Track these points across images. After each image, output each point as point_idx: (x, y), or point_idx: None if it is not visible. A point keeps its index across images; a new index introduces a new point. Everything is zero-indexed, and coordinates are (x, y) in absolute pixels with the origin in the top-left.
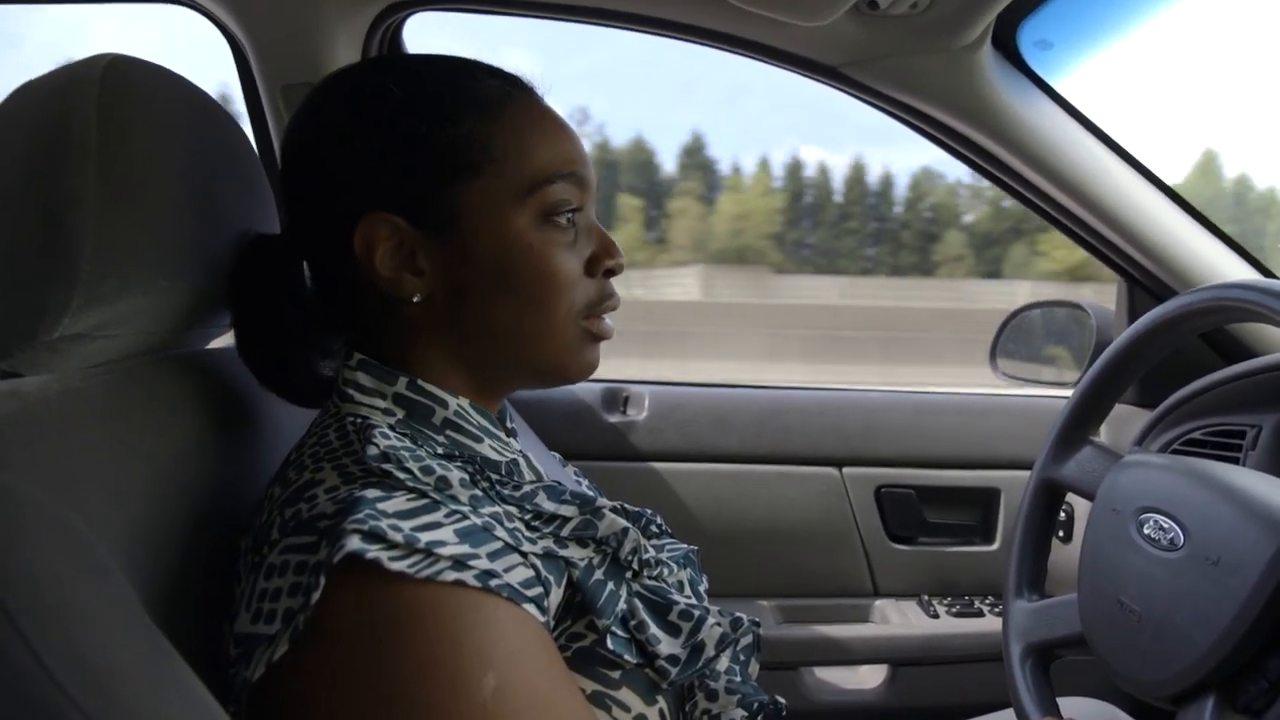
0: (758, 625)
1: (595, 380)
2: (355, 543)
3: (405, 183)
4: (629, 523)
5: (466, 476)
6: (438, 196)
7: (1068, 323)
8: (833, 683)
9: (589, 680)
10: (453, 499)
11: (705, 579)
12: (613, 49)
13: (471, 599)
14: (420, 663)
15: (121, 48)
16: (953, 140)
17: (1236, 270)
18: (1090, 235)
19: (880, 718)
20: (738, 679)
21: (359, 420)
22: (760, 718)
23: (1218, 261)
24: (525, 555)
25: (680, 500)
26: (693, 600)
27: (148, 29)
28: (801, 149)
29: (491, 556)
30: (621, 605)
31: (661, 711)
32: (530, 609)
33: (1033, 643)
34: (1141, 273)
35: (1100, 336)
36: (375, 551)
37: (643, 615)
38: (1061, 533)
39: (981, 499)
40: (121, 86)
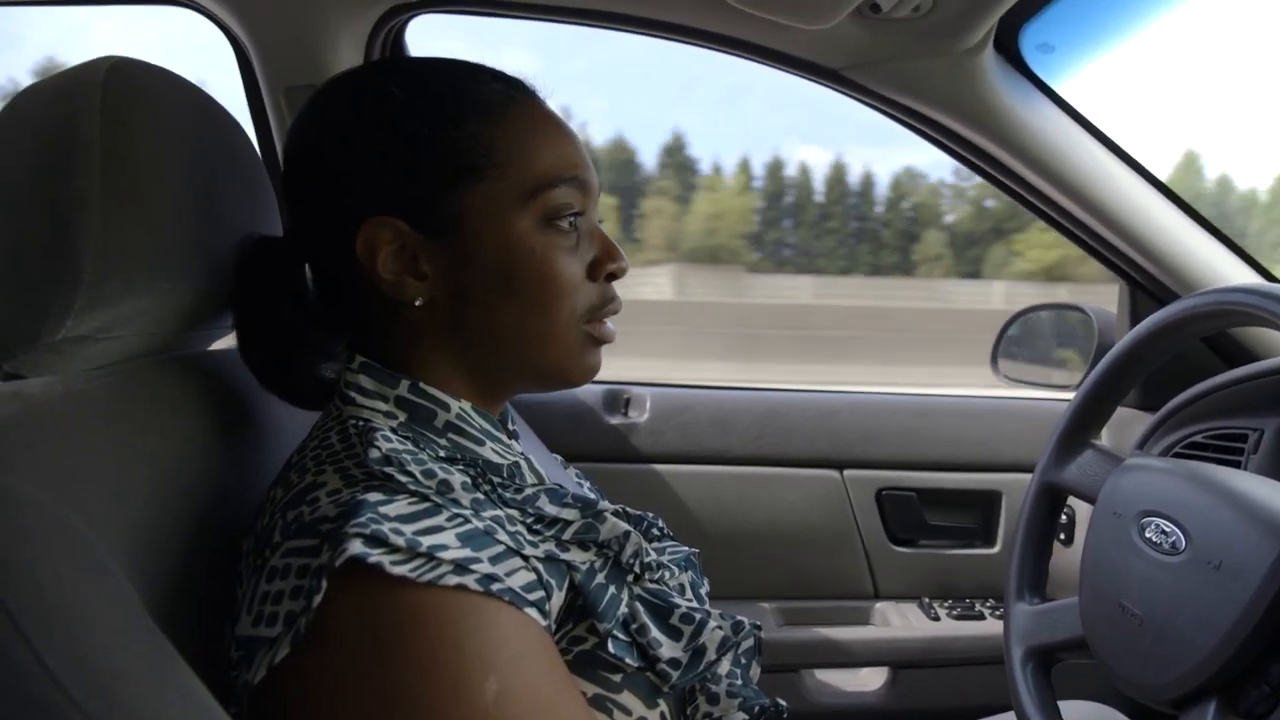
0: (759, 628)
1: (597, 382)
2: (357, 546)
3: (407, 186)
4: (631, 526)
5: (468, 480)
6: (440, 200)
7: (1069, 326)
8: (833, 685)
9: (590, 684)
10: (454, 502)
11: (706, 582)
12: (613, 49)
13: (473, 603)
14: (422, 667)
15: (121, 48)
16: (955, 143)
17: (1239, 274)
18: (1092, 238)
19: None
20: (739, 682)
21: (361, 423)
22: None
23: (1220, 265)
24: (527, 559)
25: (681, 502)
26: (694, 603)
27: (147, 30)
28: (801, 149)
29: (493, 560)
30: (623, 609)
31: (663, 715)
32: (532, 613)
33: (1034, 646)
34: (1143, 276)
35: (1102, 339)
36: (377, 555)
37: (644, 619)
38: (1063, 536)
39: (983, 502)
40: (125, 89)
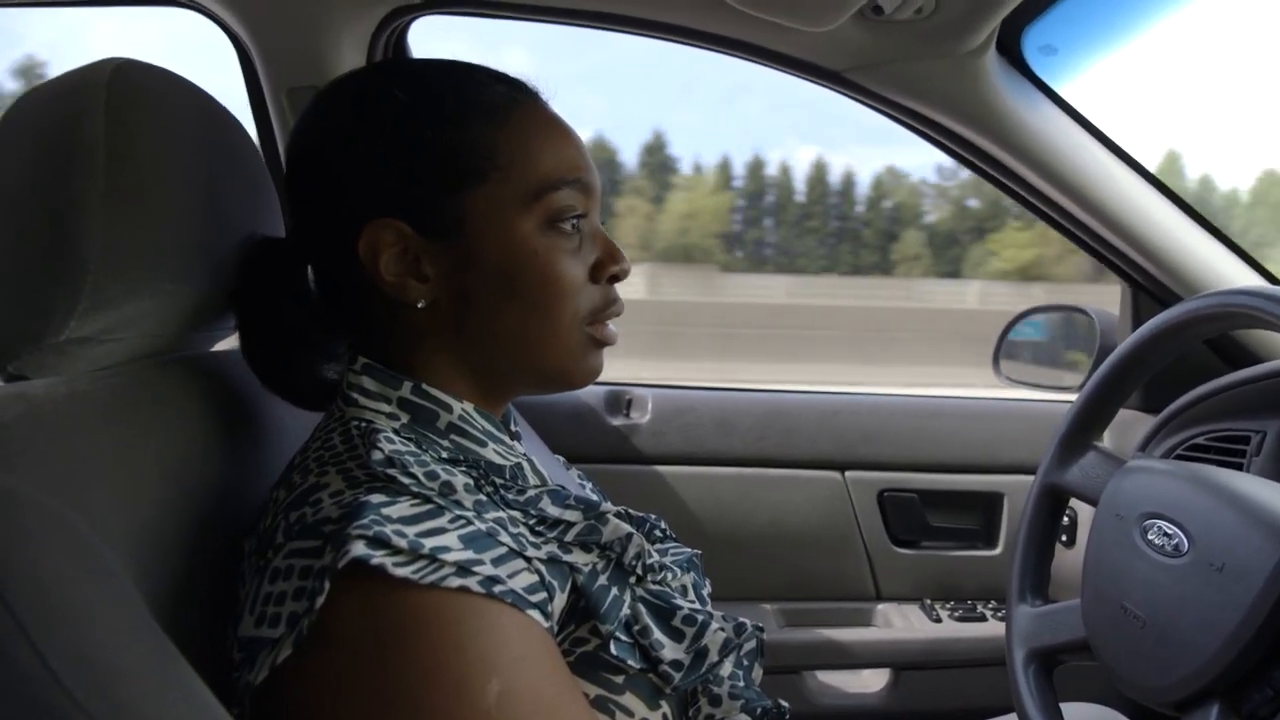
0: (761, 630)
1: (599, 383)
2: (360, 548)
3: (410, 188)
4: (633, 528)
5: (471, 481)
6: (442, 202)
7: (1071, 328)
8: (835, 686)
9: (592, 685)
10: (457, 504)
11: (708, 583)
12: (613, 49)
13: (475, 605)
14: (424, 668)
15: (121, 49)
16: (957, 145)
17: (1242, 276)
18: (1094, 240)
19: None
20: (741, 684)
21: (363, 424)
22: None
23: (1223, 267)
24: (529, 560)
25: (683, 503)
26: (696, 605)
27: (147, 30)
28: (800, 149)
29: (496, 562)
30: (625, 610)
31: (665, 716)
32: (534, 614)
33: (1036, 648)
34: (1146, 278)
35: (1104, 341)
36: (380, 557)
37: (646, 620)
38: (1065, 538)
39: (984, 503)
40: (128, 90)
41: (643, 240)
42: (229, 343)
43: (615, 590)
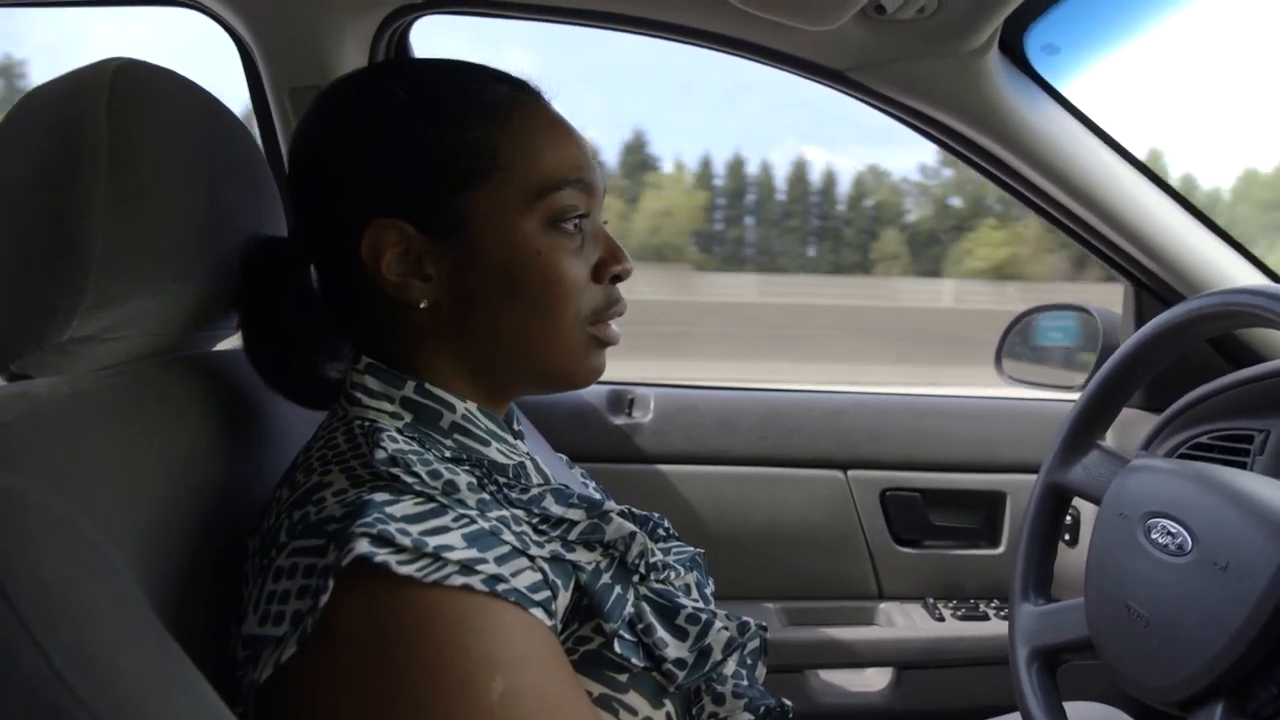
0: (764, 629)
1: (601, 383)
2: (364, 546)
3: (412, 188)
4: (636, 526)
5: (474, 480)
6: (445, 203)
7: (1074, 327)
8: (838, 685)
9: (596, 683)
10: (460, 503)
11: (711, 582)
12: (612, 49)
13: (479, 604)
14: (428, 667)
15: (120, 49)
16: (959, 144)
17: (1244, 275)
18: (1097, 239)
19: None
20: (744, 682)
21: (367, 423)
22: None
23: (1225, 266)
24: (533, 559)
25: (685, 502)
26: (700, 604)
27: (147, 30)
28: (796, 149)
29: (499, 561)
30: (629, 609)
31: (668, 715)
32: (538, 613)
33: (1039, 647)
34: (1149, 277)
35: (1107, 340)
36: (384, 555)
37: (650, 619)
38: (1067, 537)
39: (987, 502)
40: (131, 90)
41: (617, 238)
42: (232, 342)
43: (619, 589)
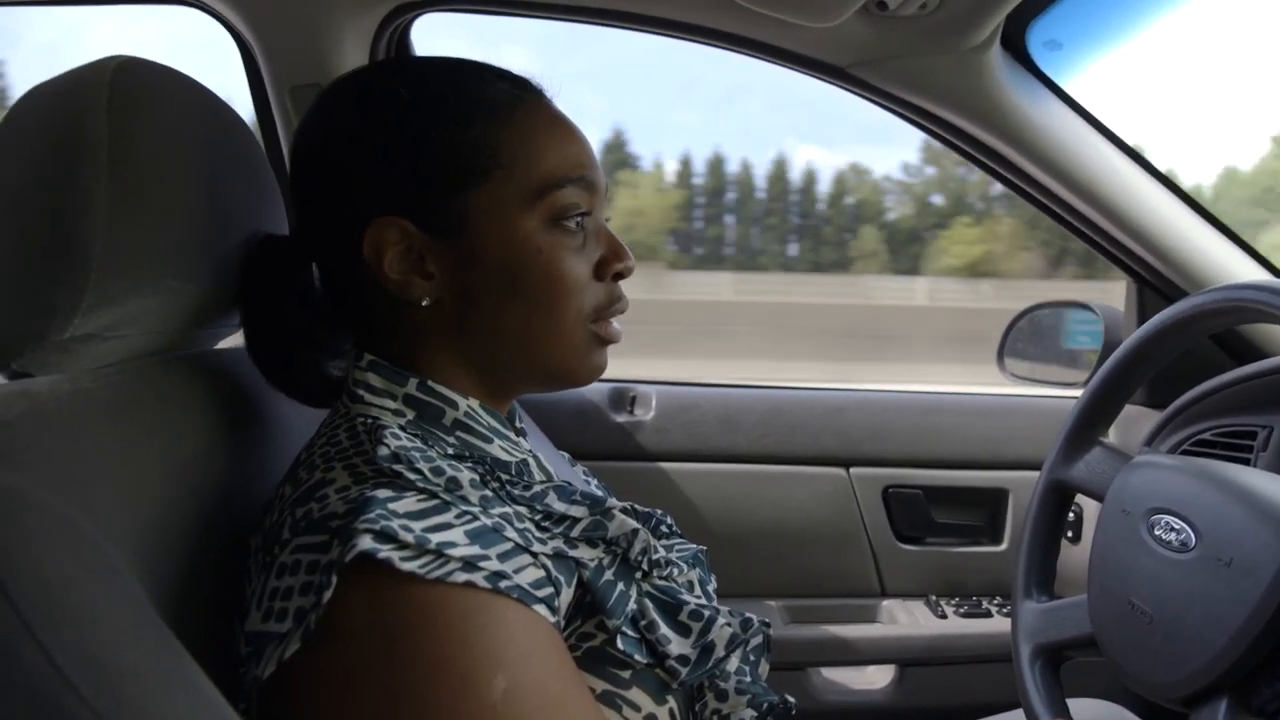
0: (768, 626)
1: (603, 380)
2: (367, 542)
3: (413, 186)
4: (639, 523)
5: (477, 477)
6: (446, 201)
7: (1076, 323)
8: (840, 683)
9: (599, 680)
10: (463, 500)
11: (714, 579)
12: (612, 48)
13: (481, 600)
14: (430, 663)
15: (120, 48)
16: (961, 141)
17: (1247, 271)
18: (1099, 235)
19: (888, 718)
20: (747, 679)
21: (369, 420)
22: (770, 718)
23: (1228, 262)
24: (535, 556)
25: (688, 500)
26: (703, 600)
27: (147, 29)
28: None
29: (502, 557)
30: (631, 605)
31: (671, 711)
32: (540, 610)
33: (1042, 644)
34: (1151, 273)
35: (1109, 337)
36: (387, 551)
37: (653, 615)
38: (1070, 533)
39: (990, 499)
40: (131, 88)
41: None
42: (233, 340)
43: (621, 585)
